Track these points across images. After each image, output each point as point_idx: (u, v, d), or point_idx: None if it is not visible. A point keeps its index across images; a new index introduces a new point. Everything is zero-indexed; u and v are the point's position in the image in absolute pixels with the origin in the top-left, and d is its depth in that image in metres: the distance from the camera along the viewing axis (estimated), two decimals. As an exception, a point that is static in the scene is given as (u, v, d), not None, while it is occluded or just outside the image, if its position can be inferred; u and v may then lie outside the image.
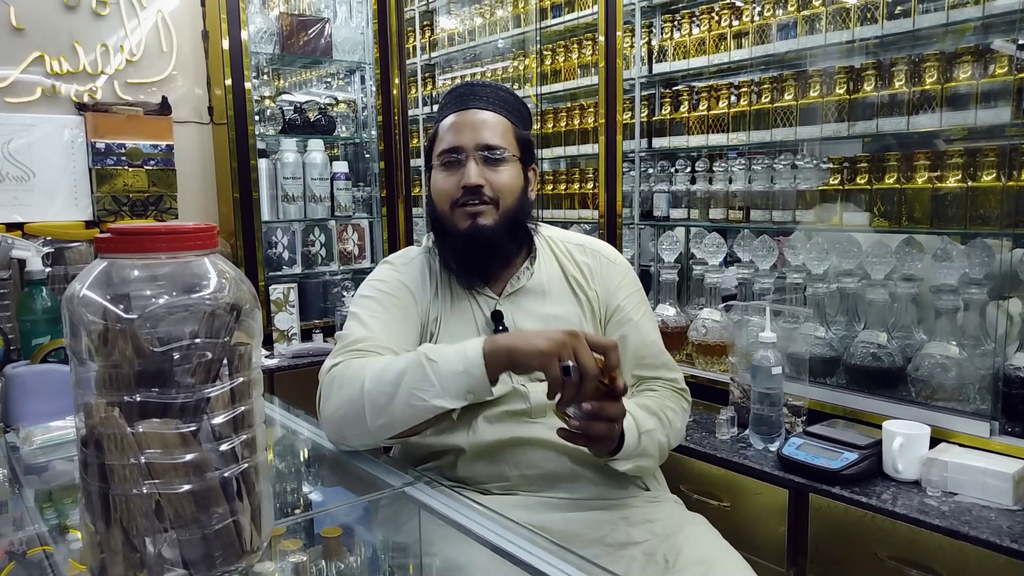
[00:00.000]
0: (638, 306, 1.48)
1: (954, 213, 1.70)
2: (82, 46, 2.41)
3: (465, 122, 1.39)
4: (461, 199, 1.36)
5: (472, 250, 1.37)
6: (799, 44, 1.98)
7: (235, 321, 0.79)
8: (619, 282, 1.49)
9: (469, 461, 1.34)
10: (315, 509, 1.22)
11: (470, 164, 1.36)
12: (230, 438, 0.78)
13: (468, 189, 1.35)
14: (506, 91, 1.46)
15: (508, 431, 1.33)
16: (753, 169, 2.15)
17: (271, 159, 2.81)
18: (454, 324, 1.40)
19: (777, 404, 1.72)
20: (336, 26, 2.92)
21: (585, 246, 1.53)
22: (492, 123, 1.39)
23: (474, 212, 1.36)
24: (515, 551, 0.93)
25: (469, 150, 1.37)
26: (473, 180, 1.35)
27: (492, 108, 1.41)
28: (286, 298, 2.67)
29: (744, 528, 1.65)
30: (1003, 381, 1.55)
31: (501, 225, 1.37)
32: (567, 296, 1.45)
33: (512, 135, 1.41)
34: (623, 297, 1.47)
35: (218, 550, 0.77)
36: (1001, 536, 1.31)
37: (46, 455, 1.31)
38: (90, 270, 0.77)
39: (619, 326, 1.45)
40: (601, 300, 1.47)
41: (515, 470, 1.33)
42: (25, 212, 2.32)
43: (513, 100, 1.46)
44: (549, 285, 1.44)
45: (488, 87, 1.44)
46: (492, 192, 1.36)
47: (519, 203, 1.40)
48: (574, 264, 1.49)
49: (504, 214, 1.38)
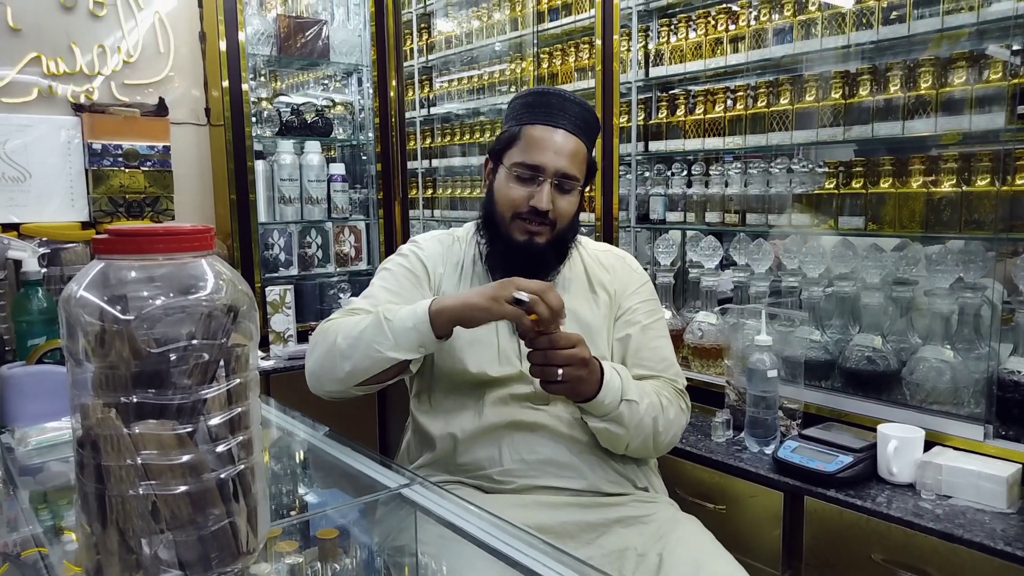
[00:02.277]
0: (649, 313, 1.55)
1: (949, 217, 1.71)
2: (79, 47, 2.41)
3: (552, 142, 1.43)
4: (525, 215, 1.42)
5: (523, 262, 1.43)
6: (795, 49, 1.99)
7: (232, 323, 0.79)
8: (635, 288, 1.56)
9: (471, 443, 1.37)
10: (311, 511, 1.22)
11: (545, 187, 1.41)
12: (226, 439, 0.78)
13: (536, 211, 1.41)
14: (591, 112, 1.50)
15: (511, 414, 1.39)
16: (749, 173, 2.16)
17: (268, 161, 2.81)
18: None
19: (772, 407, 1.73)
20: (334, 28, 2.92)
21: (612, 251, 1.65)
22: (574, 151, 1.44)
23: (534, 231, 1.43)
24: (510, 552, 0.94)
25: (549, 175, 1.41)
26: (544, 206, 1.41)
27: (576, 132, 1.45)
28: (283, 300, 2.66)
29: (739, 531, 1.66)
30: (997, 385, 1.56)
31: (552, 243, 1.45)
32: (584, 295, 1.52)
33: (585, 163, 1.47)
34: (636, 301, 1.54)
35: (214, 551, 0.77)
36: (995, 539, 1.31)
37: (41, 456, 1.31)
38: (87, 271, 0.77)
39: (625, 325, 1.52)
40: (615, 299, 1.54)
41: (515, 454, 1.37)
42: (21, 213, 2.32)
43: (593, 122, 1.51)
44: (570, 283, 1.52)
45: (577, 105, 1.48)
46: (554, 216, 1.43)
47: (572, 224, 1.49)
48: (599, 264, 1.57)
49: (558, 234, 1.46)
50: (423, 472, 1.42)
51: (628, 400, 1.35)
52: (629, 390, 1.36)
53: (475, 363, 1.42)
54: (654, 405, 1.39)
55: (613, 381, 1.34)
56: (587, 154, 1.48)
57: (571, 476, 1.38)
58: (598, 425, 1.36)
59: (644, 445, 1.40)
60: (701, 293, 2.18)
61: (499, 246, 1.47)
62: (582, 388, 1.30)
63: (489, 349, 1.44)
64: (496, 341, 1.45)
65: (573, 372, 1.26)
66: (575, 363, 1.26)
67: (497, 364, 1.43)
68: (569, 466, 1.38)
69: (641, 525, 1.36)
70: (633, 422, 1.35)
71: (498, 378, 1.42)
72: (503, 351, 1.44)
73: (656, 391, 1.43)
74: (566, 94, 1.49)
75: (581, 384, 1.29)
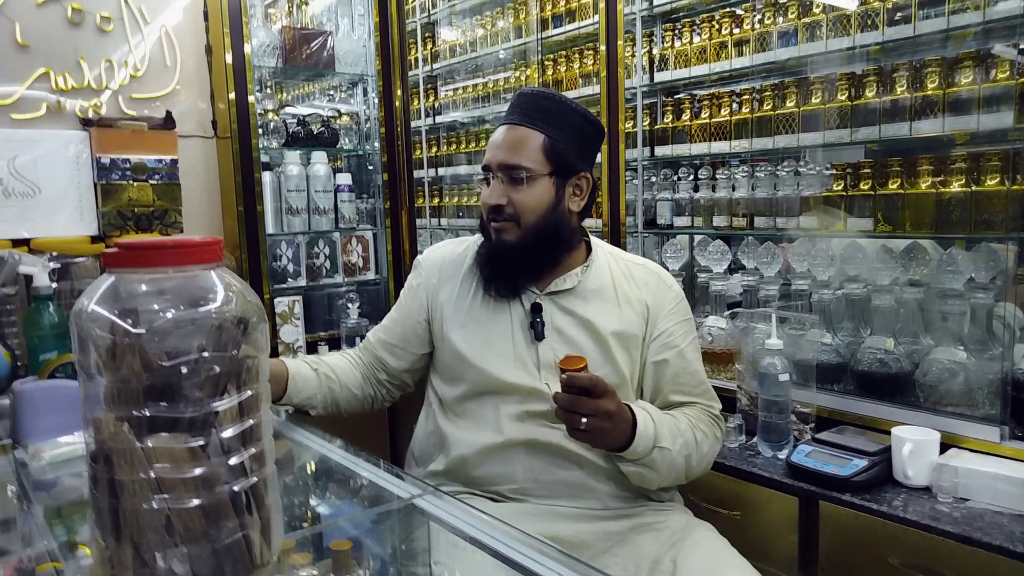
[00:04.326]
0: (685, 334, 1.50)
1: (958, 218, 1.70)
2: (87, 62, 2.42)
3: (498, 140, 1.44)
4: (488, 214, 1.45)
5: (495, 261, 1.46)
6: (800, 51, 1.98)
7: (242, 334, 0.79)
8: (671, 307, 1.50)
9: (486, 457, 1.36)
10: (324, 522, 1.21)
11: (494, 184, 1.43)
12: (239, 451, 0.78)
13: (489, 207, 1.43)
14: (551, 99, 1.45)
15: (528, 432, 1.37)
16: (756, 176, 2.15)
17: (275, 172, 2.82)
18: (485, 315, 1.47)
19: (785, 411, 1.72)
20: (338, 39, 2.93)
21: (647, 266, 1.57)
22: (520, 141, 1.41)
23: (497, 228, 1.44)
24: (525, 562, 0.93)
25: (493, 169, 1.43)
26: (491, 201, 1.42)
27: (528, 123, 1.42)
28: (291, 311, 2.67)
29: (755, 537, 1.64)
30: (1012, 385, 1.55)
31: (523, 240, 1.42)
32: (609, 305, 1.46)
33: (542, 151, 1.41)
34: (673, 322, 1.49)
35: (228, 564, 0.76)
36: (1015, 542, 1.30)
37: (55, 471, 1.31)
38: (98, 285, 0.77)
39: (663, 349, 1.46)
40: (651, 316, 1.48)
41: (528, 473, 1.35)
42: (31, 228, 2.33)
43: (556, 108, 1.44)
44: (595, 292, 1.48)
45: (532, 96, 1.46)
46: (513, 210, 1.42)
47: (545, 219, 1.43)
48: (630, 279, 1.52)
49: (527, 230, 1.42)
50: (435, 481, 1.42)
51: (661, 448, 1.32)
52: (663, 437, 1.32)
53: (492, 365, 1.41)
54: (688, 444, 1.36)
55: (647, 430, 1.30)
56: (550, 141, 1.41)
57: (585, 496, 1.36)
58: (630, 468, 1.33)
59: (676, 480, 1.39)
60: (710, 298, 2.17)
61: (482, 250, 1.51)
62: (605, 440, 1.27)
63: (505, 355, 1.43)
64: (512, 348, 1.43)
65: (596, 423, 1.22)
66: (599, 415, 1.22)
67: (515, 369, 1.41)
68: (584, 487, 1.36)
69: (655, 532, 1.35)
70: (665, 465, 1.33)
71: (514, 385, 1.40)
72: (519, 357, 1.42)
73: (691, 425, 1.40)
74: (527, 91, 1.50)
75: (604, 436, 1.26)
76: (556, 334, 1.43)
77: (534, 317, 1.43)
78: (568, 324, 1.43)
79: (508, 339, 1.43)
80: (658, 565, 1.30)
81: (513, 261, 1.43)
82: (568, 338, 1.43)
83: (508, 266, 1.44)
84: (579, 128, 1.46)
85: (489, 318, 1.46)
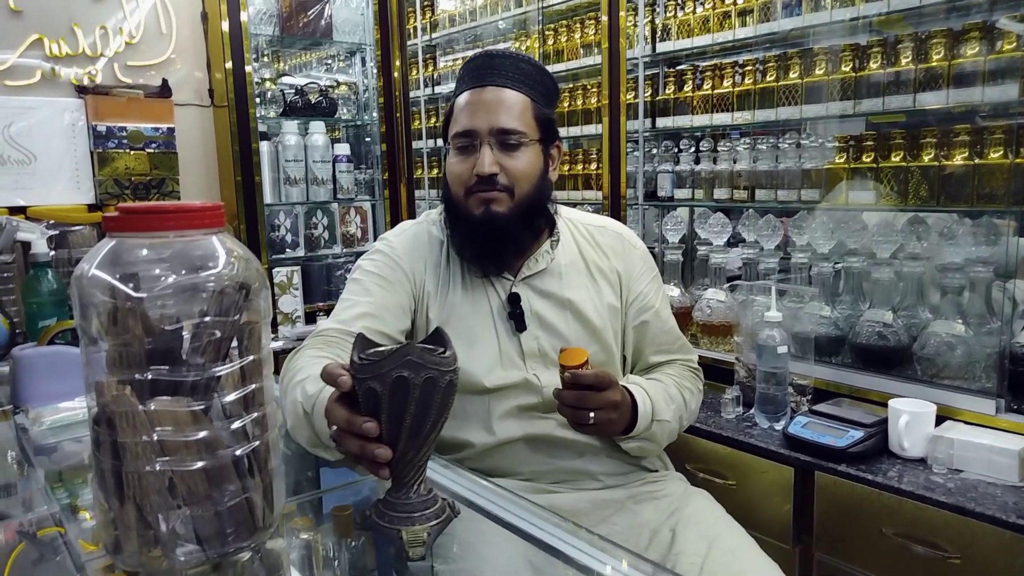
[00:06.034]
0: (657, 292, 1.48)
1: (960, 191, 1.69)
2: (81, 28, 2.39)
3: (481, 102, 1.30)
4: (475, 186, 1.29)
5: (486, 238, 1.31)
6: (804, 21, 1.96)
7: (244, 300, 0.78)
8: (640, 268, 1.46)
9: (481, 458, 1.34)
10: (324, 488, 1.22)
11: (484, 150, 1.28)
12: (241, 416, 0.78)
13: (481, 177, 1.28)
14: (528, 62, 1.36)
15: (523, 428, 1.33)
16: (758, 148, 2.14)
17: (273, 142, 2.80)
18: (465, 309, 1.36)
19: (782, 383, 1.73)
20: (336, 7, 2.90)
21: (607, 228, 1.49)
22: (509, 103, 1.30)
23: (488, 199, 1.29)
24: (526, 527, 0.94)
25: (483, 135, 1.29)
26: (487, 169, 1.27)
27: (511, 84, 1.31)
28: (290, 281, 2.67)
29: (750, 506, 1.66)
30: (1009, 359, 1.55)
31: (516, 212, 1.31)
32: (584, 280, 1.41)
33: (531, 114, 1.32)
34: (645, 283, 1.45)
35: (231, 527, 0.77)
36: (1007, 512, 1.31)
37: (55, 436, 1.32)
38: (99, 249, 0.77)
39: (640, 313, 1.44)
40: (623, 283, 1.44)
41: (528, 466, 1.34)
42: (27, 196, 2.32)
43: (535, 72, 1.36)
44: (567, 268, 1.40)
45: (509, 58, 1.34)
46: (507, 179, 1.29)
47: (537, 188, 1.33)
48: (595, 246, 1.45)
49: (520, 201, 1.31)
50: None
51: (660, 420, 1.31)
52: (660, 410, 1.31)
53: (476, 367, 1.31)
54: (679, 407, 1.37)
55: (646, 408, 1.29)
56: (536, 106, 1.33)
57: (582, 479, 1.36)
58: (630, 444, 1.32)
59: (670, 441, 1.40)
60: (710, 270, 2.17)
61: (463, 230, 1.35)
62: (612, 429, 1.27)
63: (489, 353, 1.34)
64: (496, 342, 1.35)
65: (604, 416, 1.21)
66: (607, 407, 1.20)
67: (500, 368, 1.33)
68: (581, 471, 1.35)
69: (653, 501, 1.36)
70: (664, 435, 1.33)
71: (502, 385, 1.32)
72: (504, 352, 1.34)
73: (678, 386, 1.40)
74: (498, 52, 1.36)
75: (611, 426, 1.25)
76: (537, 321, 1.36)
77: (513, 308, 1.35)
78: (547, 308, 1.37)
79: (491, 332, 1.35)
80: (656, 534, 1.31)
81: (505, 234, 1.31)
82: (549, 324, 1.36)
83: (501, 243, 1.32)
84: (553, 94, 1.40)
85: (470, 311, 1.36)
